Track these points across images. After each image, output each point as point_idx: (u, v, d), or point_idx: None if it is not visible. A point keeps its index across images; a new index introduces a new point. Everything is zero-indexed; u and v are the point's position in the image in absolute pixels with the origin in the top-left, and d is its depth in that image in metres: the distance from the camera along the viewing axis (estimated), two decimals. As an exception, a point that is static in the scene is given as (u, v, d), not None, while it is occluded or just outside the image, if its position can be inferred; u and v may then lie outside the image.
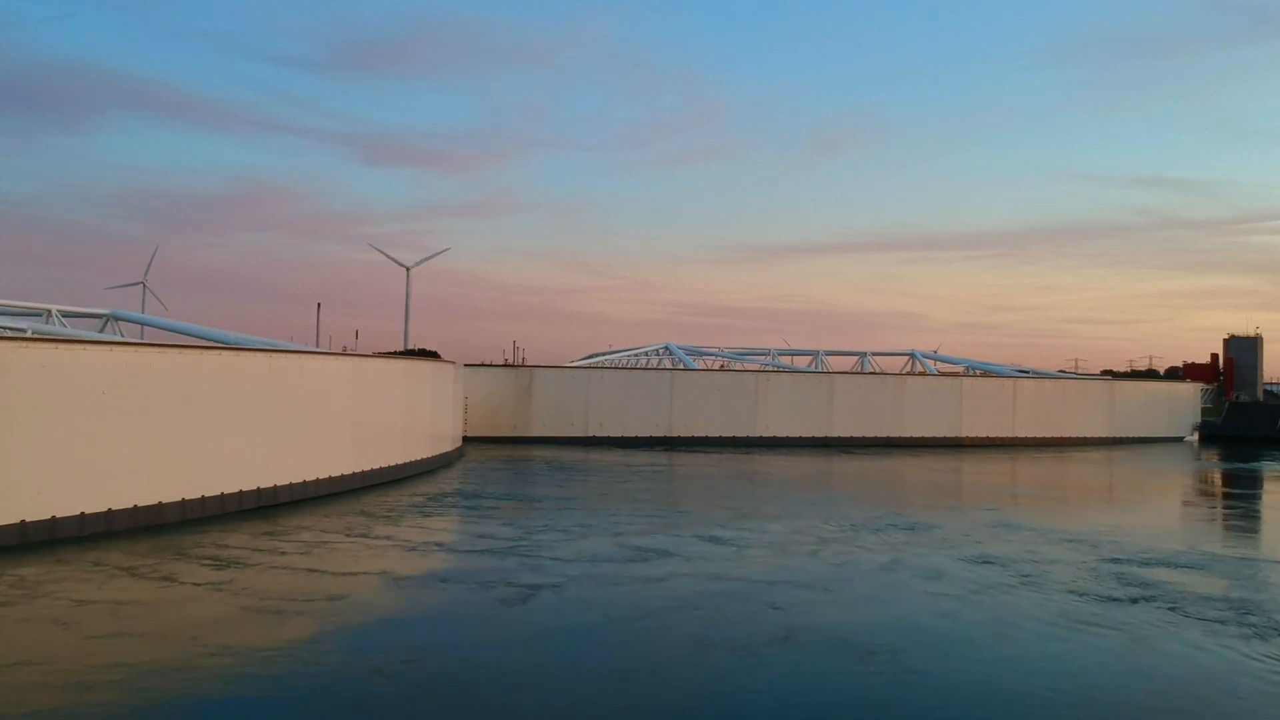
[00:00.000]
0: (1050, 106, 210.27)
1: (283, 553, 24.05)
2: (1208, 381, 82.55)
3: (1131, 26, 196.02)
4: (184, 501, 28.13)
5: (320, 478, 33.88)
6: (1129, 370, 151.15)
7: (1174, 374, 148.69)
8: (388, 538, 26.58)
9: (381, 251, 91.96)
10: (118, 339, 36.06)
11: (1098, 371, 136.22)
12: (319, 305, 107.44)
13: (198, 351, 29.38)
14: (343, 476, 35.14)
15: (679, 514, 31.31)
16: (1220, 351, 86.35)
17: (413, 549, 25.34)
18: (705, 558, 24.74)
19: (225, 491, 29.56)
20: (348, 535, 26.79)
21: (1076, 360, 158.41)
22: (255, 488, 30.73)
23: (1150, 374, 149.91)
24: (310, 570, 22.20)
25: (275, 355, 32.49)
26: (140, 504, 26.80)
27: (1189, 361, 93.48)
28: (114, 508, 26.10)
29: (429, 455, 43.47)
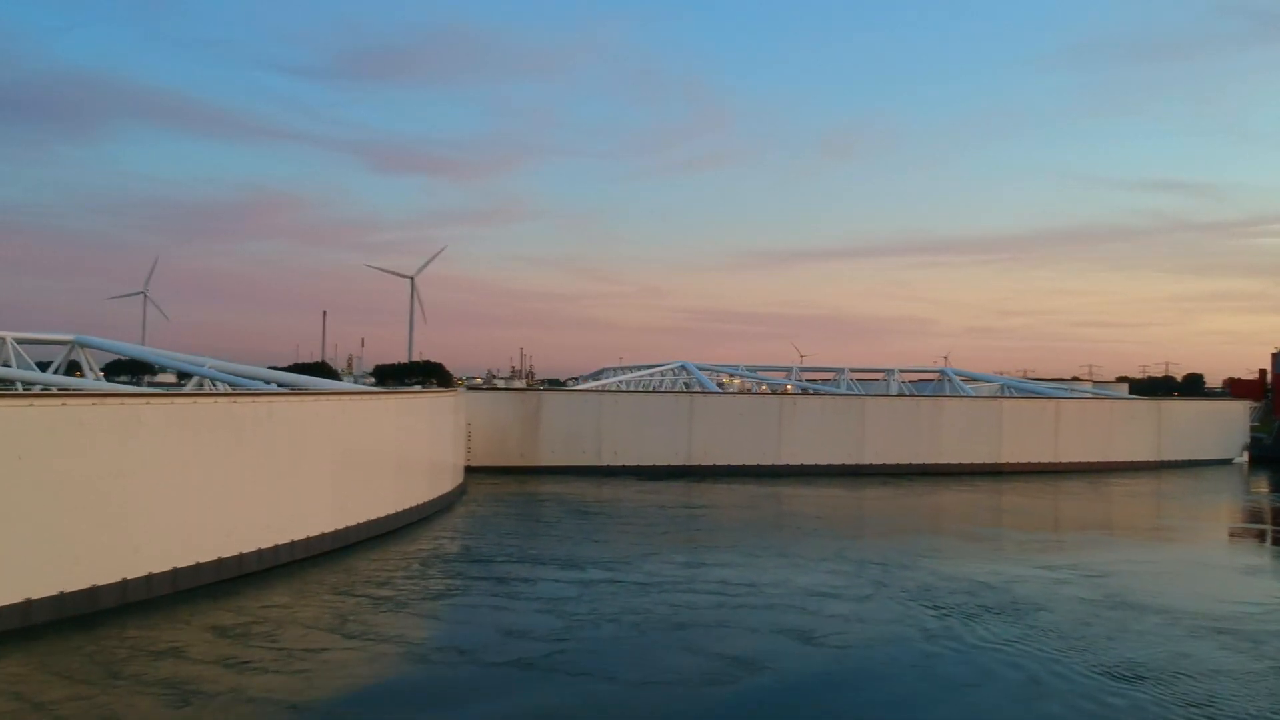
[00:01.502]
0: (1058, 110, 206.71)
1: (258, 668, 18.20)
2: (1255, 398, 77.63)
3: (1138, 30, 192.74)
4: (125, 583, 22.26)
5: (296, 539, 27.97)
6: (1144, 377, 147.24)
7: (1192, 381, 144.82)
8: (389, 639, 20.68)
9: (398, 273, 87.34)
10: (39, 391, 29.89)
11: (1113, 379, 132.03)
12: (324, 314, 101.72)
13: (142, 401, 23.38)
14: (323, 535, 29.20)
15: (748, 589, 25.55)
16: (1269, 367, 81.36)
17: (423, 659, 19.52)
18: (801, 668, 19.08)
19: (178, 566, 23.69)
20: (339, 632, 20.93)
21: (1090, 367, 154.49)
22: (215, 558, 24.88)
23: (1167, 381, 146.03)
24: (290, 706, 16.34)
25: (239, 399, 26.46)
26: (68, 589, 20.95)
27: (1231, 377, 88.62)
28: (34, 597, 20.24)
29: (426, 500, 37.56)
